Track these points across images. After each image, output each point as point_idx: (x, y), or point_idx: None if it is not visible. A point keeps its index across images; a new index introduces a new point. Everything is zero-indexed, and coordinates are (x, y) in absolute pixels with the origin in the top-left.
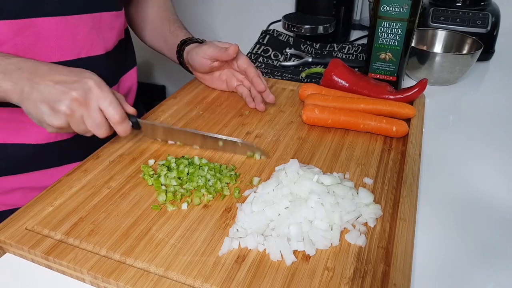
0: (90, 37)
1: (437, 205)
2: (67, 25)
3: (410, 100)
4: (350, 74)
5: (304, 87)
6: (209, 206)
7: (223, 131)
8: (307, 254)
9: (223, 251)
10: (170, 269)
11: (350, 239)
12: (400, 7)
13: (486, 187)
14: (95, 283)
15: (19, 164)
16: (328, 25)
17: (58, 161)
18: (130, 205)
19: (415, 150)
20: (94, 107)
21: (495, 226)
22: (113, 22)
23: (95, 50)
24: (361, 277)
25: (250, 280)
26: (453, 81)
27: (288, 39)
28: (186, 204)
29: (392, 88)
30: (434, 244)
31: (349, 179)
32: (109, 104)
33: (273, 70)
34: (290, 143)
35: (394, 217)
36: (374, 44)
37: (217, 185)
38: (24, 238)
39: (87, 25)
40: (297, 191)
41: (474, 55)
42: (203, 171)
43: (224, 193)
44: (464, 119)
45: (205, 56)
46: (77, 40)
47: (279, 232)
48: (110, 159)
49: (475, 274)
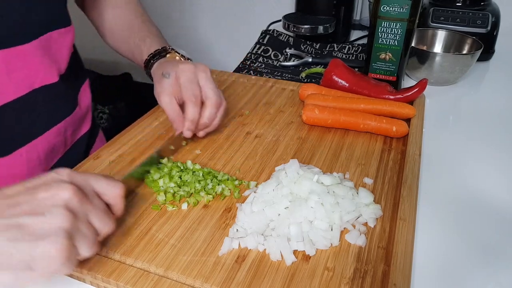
0: (43, 63)
1: (437, 205)
2: (18, 56)
3: (410, 100)
4: (350, 74)
5: (304, 87)
6: (209, 206)
7: (222, 131)
8: (307, 254)
9: (223, 251)
10: (170, 269)
11: (350, 239)
12: (400, 7)
13: (486, 187)
14: (95, 283)
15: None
16: (328, 25)
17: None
18: (130, 205)
19: (415, 150)
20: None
21: (495, 226)
22: (63, 39)
23: (48, 78)
24: (361, 277)
25: (250, 280)
26: (453, 81)
27: (288, 39)
28: (186, 204)
29: (392, 88)
30: (434, 244)
31: (349, 179)
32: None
33: (273, 70)
34: (290, 143)
35: (394, 217)
36: (374, 44)
37: (216, 188)
38: None
39: (38, 50)
40: (297, 191)
41: (474, 55)
42: (197, 176)
43: (225, 193)
44: (464, 119)
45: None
46: (30, 70)
47: (279, 232)
48: (110, 159)
49: (475, 274)
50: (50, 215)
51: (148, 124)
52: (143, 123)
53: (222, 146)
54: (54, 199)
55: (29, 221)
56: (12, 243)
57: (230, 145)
